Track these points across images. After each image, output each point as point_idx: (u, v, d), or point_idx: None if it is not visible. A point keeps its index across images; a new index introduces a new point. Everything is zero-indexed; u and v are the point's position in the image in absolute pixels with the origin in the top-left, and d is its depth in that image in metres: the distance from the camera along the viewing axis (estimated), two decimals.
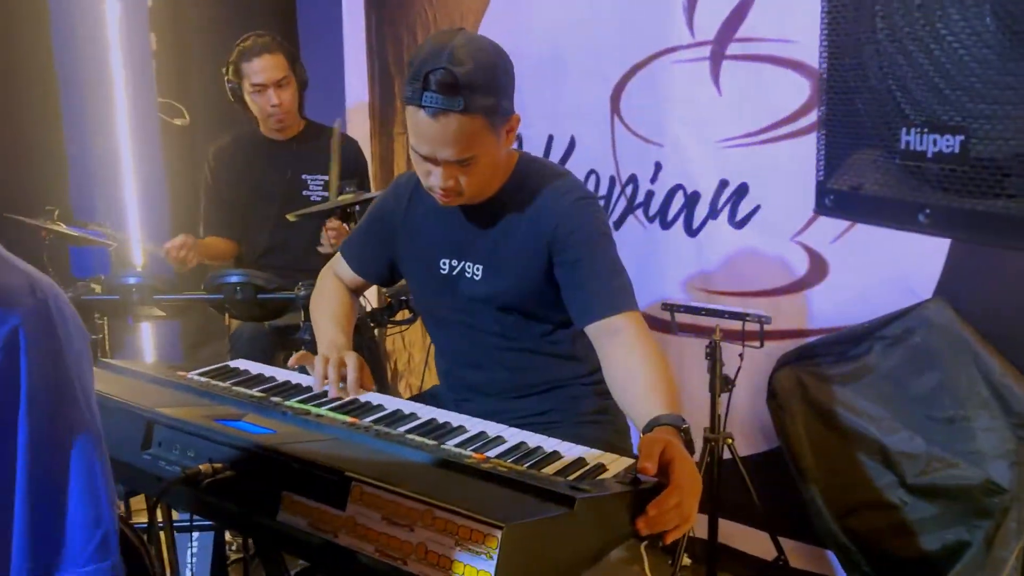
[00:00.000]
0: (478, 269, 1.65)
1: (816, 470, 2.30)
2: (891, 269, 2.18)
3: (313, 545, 1.06)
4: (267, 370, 1.72)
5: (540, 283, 1.61)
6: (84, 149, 3.37)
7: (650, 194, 2.67)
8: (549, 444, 1.35)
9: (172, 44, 3.54)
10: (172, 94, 3.50)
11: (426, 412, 1.49)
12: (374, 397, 1.57)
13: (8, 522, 0.84)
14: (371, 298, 3.15)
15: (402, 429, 1.38)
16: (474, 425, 1.43)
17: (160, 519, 1.62)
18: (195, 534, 1.95)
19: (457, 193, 1.55)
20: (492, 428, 1.42)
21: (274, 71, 2.70)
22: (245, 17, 3.58)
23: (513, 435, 1.39)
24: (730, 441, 2.29)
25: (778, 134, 2.34)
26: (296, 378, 1.66)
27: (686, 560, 2.54)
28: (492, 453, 1.29)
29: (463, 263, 1.67)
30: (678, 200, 2.60)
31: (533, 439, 1.37)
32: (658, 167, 2.63)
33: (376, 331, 3.19)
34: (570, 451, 1.33)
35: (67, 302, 0.90)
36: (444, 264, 1.69)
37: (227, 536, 2.21)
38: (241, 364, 1.76)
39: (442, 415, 1.48)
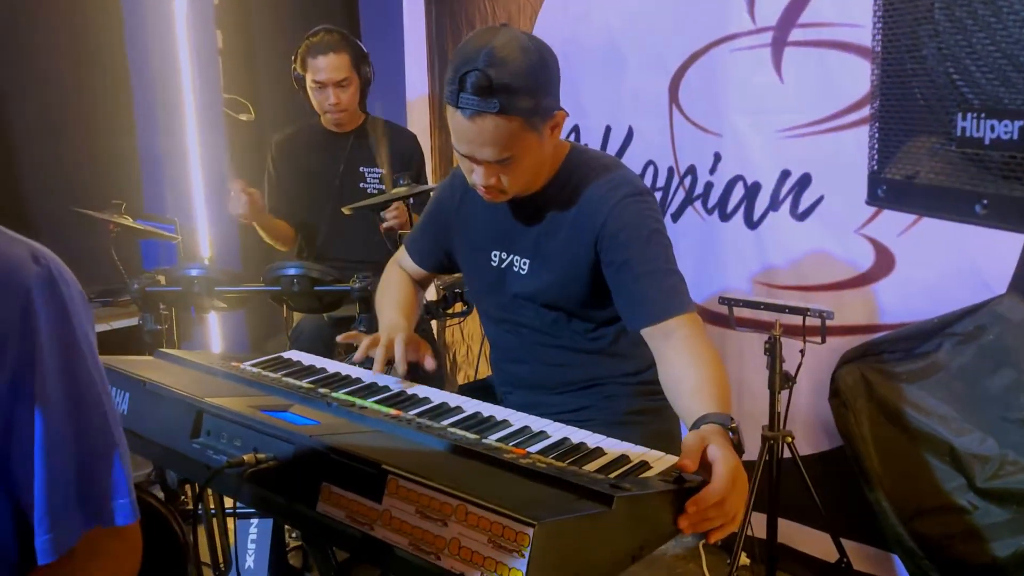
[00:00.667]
0: (524, 263, 1.64)
1: (881, 471, 2.21)
2: (962, 262, 2.08)
3: (350, 537, 1.06)
4: (318, 361, 1.74)
5: (585, 280, 1.58)
6: (154, 144, 3.47)
7: (709, 185, 2.61)
8: (592, 440, 1.33)
9: (237, 41, 3.61)
10: (237, 90, 3.57)
11: (471, 405, 1.48)
12: (421, 390, 1.57)
13: (31, 473, 0.88)
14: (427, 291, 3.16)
15: (445, 422, 1.37)
16: (518, 419, 1.42)
17: (213, 506, 1.66)
18: (254, 520, 1.99)
19: (500, 191, 1.54)
20: (536, 423, 1.40)
21: (336, 72, 2.73)
22: (308, 13, 3.64)
23: (557, 430, 1.37)
24: (790, 439, 2.23)
25: (842, 123, 2.25)
26: (345, 370, 1.68)
27: (744, 559, 2.49)
28: (533, 448, 1.28)
29: (511, 256, 1.66)
30: (738, 191, 2.53)
31: (576, 435, 1.35)
32: (717, 158, 2.57)
33: (434, 324, 3.22)
34: (613, 448, 1.30)
35: (66, 268, 0.94)
36: (495, 256, 1.69)
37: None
38: (294, 355, 1.79)
39: (487, 409, 1.47)
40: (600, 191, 1.56)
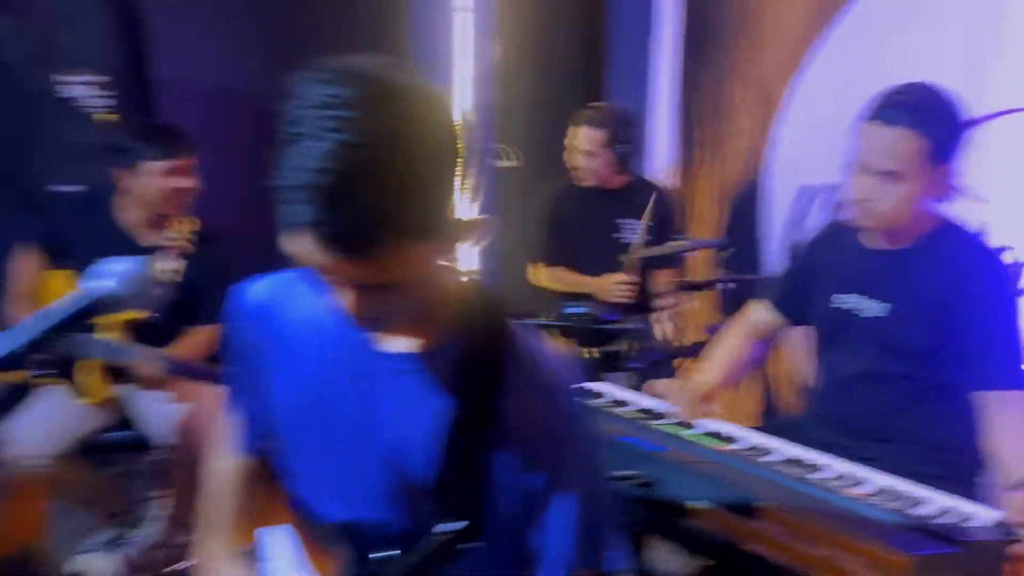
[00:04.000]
0: (874, 305, 1.75)
1: None
2: None
3: (716, 544, 1.27)
4: (618, 392, 1.96)
5: (931, 335, 1.68)
6: None
7: None
8: (915, 490, 1.45)
9: (510, 98, 4.04)
10: (503, 139, 4.00)
11: (775, 445, 1.65)
12: (720, 427, 1.74)
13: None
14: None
15: (767, 459, 1.56)
16: (826, 463, 1.56)
17: None
18: None
19: (870, 212, 1.67)
20: (849, 469, 1.54)
21: (583, 142, 3.04)
22: (553, 70, 3.99)
23: (877, 478, 1.50)
24: None
25: None
26: (650, 403, 1.89)
27: None
28: (859, 491, 1.43)
29: (861, 299, 1.77)
30: None
31: (899, 484, 1.47)
32: None
33: None
34: (935, 497, 1.42)
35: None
36: (835, 300, 1.81)
37: None
38: (599, 387, 2.02)
39: (790, 450, 1.63)
40: (969, 259, 1.69)
